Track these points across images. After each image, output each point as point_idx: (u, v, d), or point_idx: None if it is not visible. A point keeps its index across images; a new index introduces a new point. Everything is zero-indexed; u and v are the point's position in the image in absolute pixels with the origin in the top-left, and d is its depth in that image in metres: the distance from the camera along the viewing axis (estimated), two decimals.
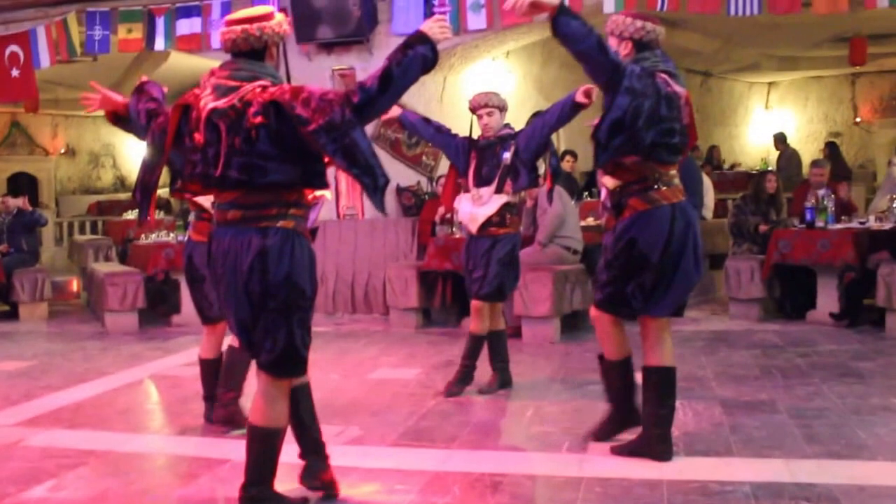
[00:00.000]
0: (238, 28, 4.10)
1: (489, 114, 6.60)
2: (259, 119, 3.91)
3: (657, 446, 4.91)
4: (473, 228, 6.69)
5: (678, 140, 4.82)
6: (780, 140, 17.63)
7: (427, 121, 7.00)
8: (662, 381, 4.97)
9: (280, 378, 4.23)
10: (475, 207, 6.65)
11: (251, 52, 4.12)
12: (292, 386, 4.36)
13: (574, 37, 4.54)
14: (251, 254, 3.99)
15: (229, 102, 3.97)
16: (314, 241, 4.32)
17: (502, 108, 6.67)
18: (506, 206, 6.60)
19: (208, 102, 4.03)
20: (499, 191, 6.54)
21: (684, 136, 4.87)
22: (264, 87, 3.98)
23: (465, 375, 6.85)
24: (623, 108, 4.59)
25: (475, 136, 6.80)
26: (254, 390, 4.34)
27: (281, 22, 4.20)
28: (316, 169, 4.08)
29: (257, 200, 4.03)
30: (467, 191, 6.75)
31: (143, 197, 4.44)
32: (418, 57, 3.96)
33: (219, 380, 5.92)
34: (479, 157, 6.65)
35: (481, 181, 6.60)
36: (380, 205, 4.05)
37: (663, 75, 4.77)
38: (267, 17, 4.16)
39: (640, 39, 4.87)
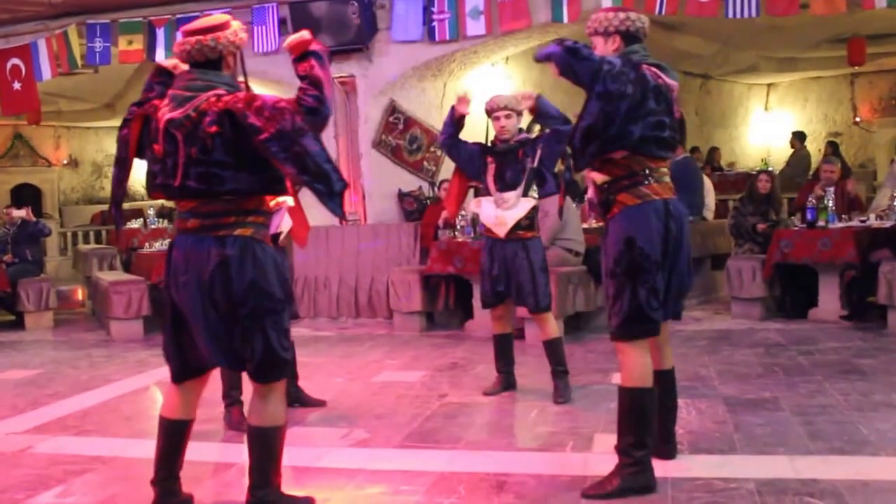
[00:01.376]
0: (192, 39, 4.09)
1: (507, 116, 6.54)
2: (214, 128, 3.91)
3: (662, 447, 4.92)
4: (502, 232, 6.62)
5: (668, 134, 4.59)
6: (798, 138, 17.58)
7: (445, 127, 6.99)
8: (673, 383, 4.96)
9: (268, 383, 4.20)
10: (502, 211, 6.59)
11: (207, 62, 4.12)
12: (266, 427, 4.22)
13: (552, 56, 4.49)
14: (211, 264, 3.99)
15: (184, 112, 3.97)
16: (276, 246, 4.29)
17: (520, 112, 6.61)
18: (534, 210, 6.60)
19: (165, 113, 4.04)
20: (525, 194, 6.55)
21: (675, 130, 4.67)
22: (219, 97, 3.98)
23: (511, 379, 6.99)
24: (594, 115, 4.42)
25: (490, 139, 6.77)
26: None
27: (236, 31, 4.17)
28: (274, 175, 4.06)
29: (214, 209, 4.04)
30: (487, 194, 6.69)
31: (115, 210, 4.50)
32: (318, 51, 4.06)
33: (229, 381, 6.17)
34: (499, 161, 6.60)
35: (505, 185, 6.55)
36: (338, 210, 3.99)
37: (653, 68, 4.60)
38: (222, 26, 4.15)
39: (627, 31, 4.66)
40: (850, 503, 4.18)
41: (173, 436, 4.39)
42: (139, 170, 4.29)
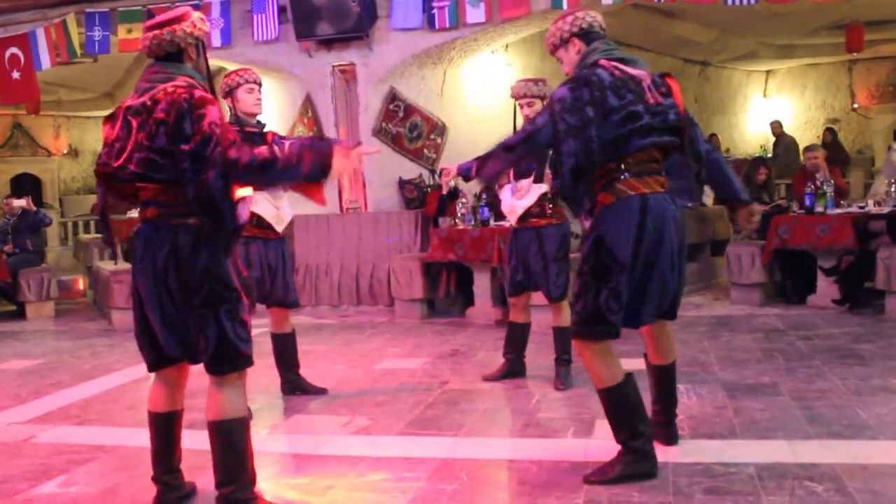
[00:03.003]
0: (150, 34, 4.11)
1: (529, 104, 6.49)
2: (161, 115, 3.91)
3: (664, 430, 4.94)
4: (513, 220, 6.69)
5: (645, 121, 4.38)
6: (776, 127, 17.75)
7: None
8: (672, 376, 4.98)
9: (223, 375, 4.08)
10: (515, 199, 6.64)
11: (167, 55, 4.12)
12: (225, 420, 4.09)
13: (496, 171, 4.69)
14: (163, 251, 3.98)
15: (142, 100, 3.99)
16: (237, 237, 4.24)
17: (543, 97, 6.49)
18: (544, 197, 6.58)
19: (126, 102, 4.09)
20: (538, 181, 6.56)
21: (656, 114, 4.41)
22: (175, 87, 3.97)
23: (514, 367, 6.97)
24: (573, 153, 4.33)
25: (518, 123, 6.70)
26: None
27: (194, 22, 4.15)
28: None
29: (168, 198, 4.01)
30: (508, 182, 6.72)
31: (104, 221, 4.54)
32: (309, 169, 3.90)
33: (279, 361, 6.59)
34: None
35: (520, 173, 6.57)
36: (225, 246, 4.01)
37: (612, 63, 4.49)
38: (179, 18, 4.13)
39: (581, 30, 4.64)
40: (849, 487, 4.20)
41: (164, 429, 4.34)
42: None
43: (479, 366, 7.45)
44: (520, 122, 6.63)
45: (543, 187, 6.54)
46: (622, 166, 4.44)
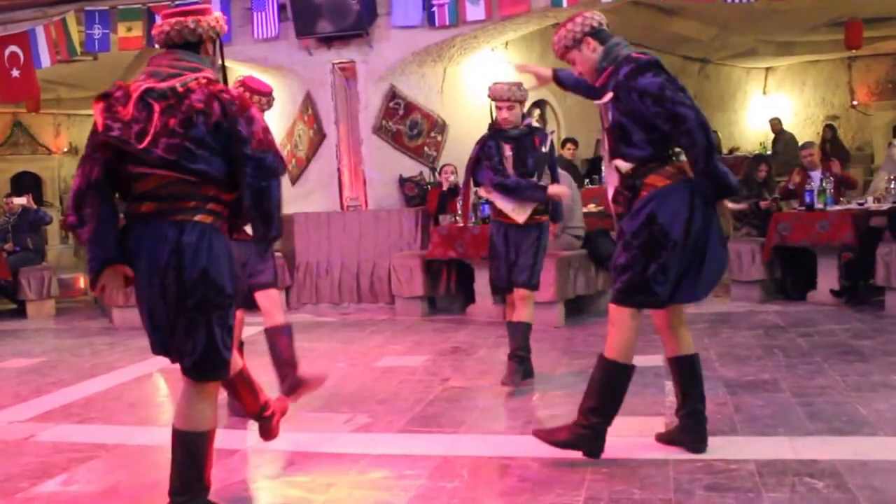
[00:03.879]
0: (173, 20, 4.02)
1: (509, 108, 6.51)
2: (201, 106, 3.81)
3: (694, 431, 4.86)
4: (522, 219, 6.61)
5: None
6: (776, 124, 17.78)
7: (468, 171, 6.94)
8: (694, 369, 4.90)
9: (202, 382, 4.00)
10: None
11: (186, 44, 4.02)
12: (191, 432, 4.03)
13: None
14: (167, 250, 3.82)
15: (169, 85, 3.85)
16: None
17: (522, 101, 6.57)
18: None
19: (142, 84, 3.89)
20: (539, 179, 6.58)
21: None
22: (209, 80, 3.89)
23: (524, 366, 6.77)
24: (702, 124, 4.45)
25: (497, 124, 6.69)
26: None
27: (217, 18, 4.11)
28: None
29: (174, 191, 3.85)
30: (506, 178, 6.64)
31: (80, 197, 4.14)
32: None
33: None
34: (517, 147, 6.57)
35: (526, 172, 6.57)
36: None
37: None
38: (203, 11, 4.09)
39: (593, 28, 4.75)
40: (849, 483, 4.21)
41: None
42: None
43: (480, 363, 7.47)
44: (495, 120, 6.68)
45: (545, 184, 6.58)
46: (670, 152, 4.64)
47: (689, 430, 4.84)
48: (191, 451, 4.01)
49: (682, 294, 4.63)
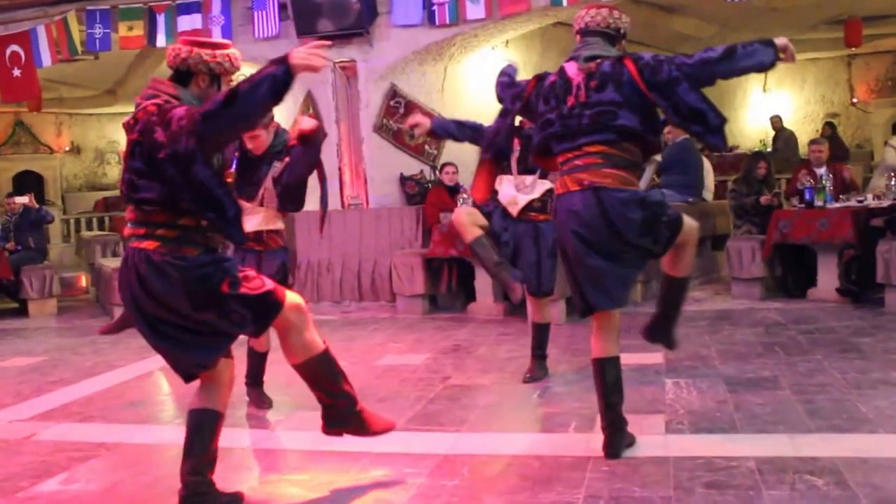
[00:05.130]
0: (175, 46, 4.03)
1: None
2: (135, 135, 3.82)
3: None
4: (514, 212, 6.67)
5: (558, 128, 4.83)
6: (776, 122, 17.81)
7: (461, 124, 6.89)
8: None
9: (268, 326, 4.23)
10: (519, 193, 6.65)
11: (176, 72, 4.01)
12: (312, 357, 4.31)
13: None
14: (133, 276, 3.93)
15: (129, 120, 3.93)
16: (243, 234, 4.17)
17: None
18: (548, 192, 6.59)
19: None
20: (542, 177, 6.59)
21: (571, 118, 4.78)
22: (155, 104, 3.85)
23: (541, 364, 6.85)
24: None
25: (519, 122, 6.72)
26: None
27: (227, 55, 4.04)
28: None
29: (133, 218, 3.97)
30: (509, 173, 6.73)
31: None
32: (269, 76, 3.71)
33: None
34: (524, 145, 6.59)
35: (527, 168, 6.60)
36: (237, 236, 3.99)
37: (569, 63, 4.87)
38: (212, 45, 4.06)
39: (579, 28, 4.99)
40: (850, 480, 4.21)
41: (191, 426, 4.30)
42: None
43: (481, 361, 7.47)
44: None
45: (548, 183, 6.56)
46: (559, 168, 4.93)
47: (665, 332, 5.42)
48: (330, 367, 4.42)
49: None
